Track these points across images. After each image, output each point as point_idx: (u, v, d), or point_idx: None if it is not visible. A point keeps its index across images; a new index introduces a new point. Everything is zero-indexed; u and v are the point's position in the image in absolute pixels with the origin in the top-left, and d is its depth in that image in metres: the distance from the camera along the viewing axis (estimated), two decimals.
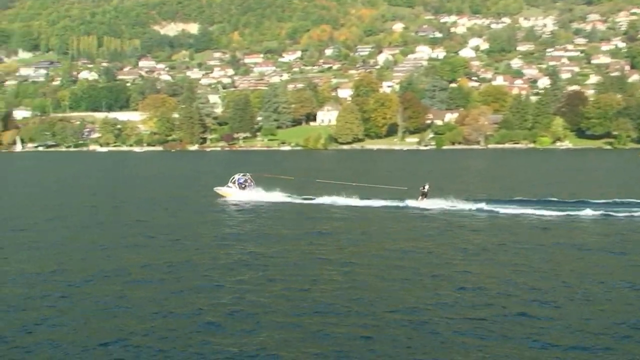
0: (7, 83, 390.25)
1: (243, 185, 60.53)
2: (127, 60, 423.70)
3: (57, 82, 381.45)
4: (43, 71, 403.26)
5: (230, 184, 60.97)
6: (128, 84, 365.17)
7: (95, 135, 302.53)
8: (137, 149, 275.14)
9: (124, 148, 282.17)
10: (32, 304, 24.01)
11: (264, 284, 26.38)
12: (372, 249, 33.63)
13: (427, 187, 52.68)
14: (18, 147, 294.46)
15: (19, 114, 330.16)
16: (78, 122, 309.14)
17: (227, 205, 55.00)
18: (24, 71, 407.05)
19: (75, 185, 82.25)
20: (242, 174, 61.79)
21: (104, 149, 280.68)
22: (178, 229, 41.11)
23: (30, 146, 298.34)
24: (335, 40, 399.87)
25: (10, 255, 32.64)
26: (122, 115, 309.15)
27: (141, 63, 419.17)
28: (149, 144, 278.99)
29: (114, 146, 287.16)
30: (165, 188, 73.80)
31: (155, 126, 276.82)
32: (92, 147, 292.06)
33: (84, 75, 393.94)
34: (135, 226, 43.14)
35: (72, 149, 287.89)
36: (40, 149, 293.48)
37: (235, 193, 60.00)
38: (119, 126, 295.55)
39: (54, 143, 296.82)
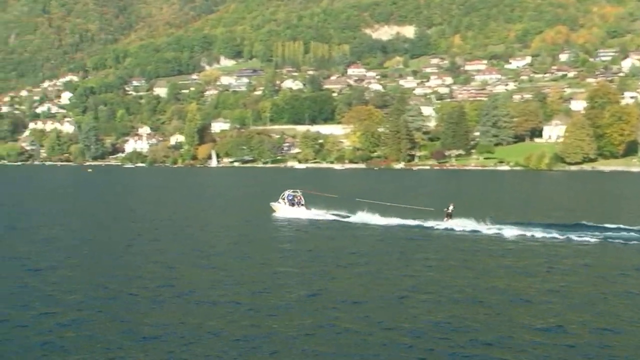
0: (207, 93, 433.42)
1: (292, 202, 71.96)
2: (334, 67, 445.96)
3: (259, 92, 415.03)
4: (245, 80, 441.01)
5: (280, 200, 72.76)
6: (334, 94, 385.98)
7: (295, 150, 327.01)
8: (337, 166, 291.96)
9: (324, 165, 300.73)
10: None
11: None
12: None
13: (451, 207, 61.06)
14: (213, 162, 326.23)
15: (217, 126, 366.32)
16: (277, 136, 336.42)
17: (279, 221, 66.72)
18: (225, 80, 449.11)
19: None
20: (292, 191, 73.62)
21: (302, 166, 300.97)
22: None
23: (226, 161, 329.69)
24: (572, 44, 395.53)
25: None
26: (324, 129, 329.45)
27: (350, 70, 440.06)
28: (350, 161, 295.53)
29: (313, 162, 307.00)
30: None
31: (359, 141, 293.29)
32: (289, 163, 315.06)
33: (288, 84, 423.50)
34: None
35: (268, 165, 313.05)
36: (236, 164, 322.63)
37: (282, 209, 71.47)
38: (320, 140, 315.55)
39: (250, 158, 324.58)
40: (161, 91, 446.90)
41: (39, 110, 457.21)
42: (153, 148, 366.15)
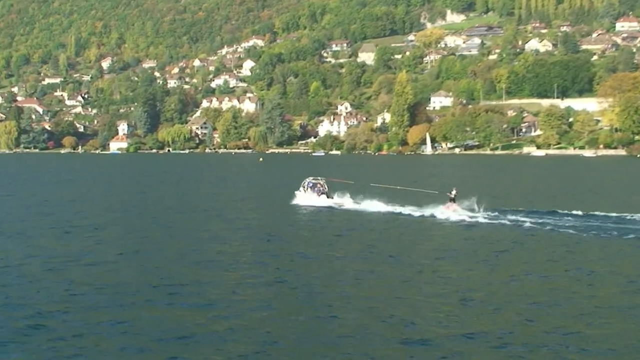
0: (427, 59, 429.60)
1: (314, 190, 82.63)
2: (597, 22, 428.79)
3: (493, 56, 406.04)
4: (476, 41, 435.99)
5: (301, 188, 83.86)
6: (594, 58, 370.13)
7: (536, 132, 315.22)
8: (588, 152, 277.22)
9: (570, 151, 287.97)
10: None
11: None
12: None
13: (454, 192, 70.78)
14: (427, 149, 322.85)
15: (437, 101, 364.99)
16: (514, 114, 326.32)
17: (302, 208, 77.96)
18: (450, 41, 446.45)
19: None
20: (312, 178, 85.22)
21: (541, 152, 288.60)
22: None
23: (443, 147, 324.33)
24: None
25: None
26: (578, 103, 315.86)
27: (618, 25, 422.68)
28: (606, 146, 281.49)
29: (557, 148, 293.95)
30: None
31: (618, 119, 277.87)
32: (526, 149, 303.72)
33: (532, 45, 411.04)
34: None
35: (498, 152, 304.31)
36: (457, 150, 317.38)
37: (302, 197, 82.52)
38: (570, 119, 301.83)
39: (475, 143, 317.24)
40: (367, 57, 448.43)
41: (213, 84, 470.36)
42: (351, 131, 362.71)
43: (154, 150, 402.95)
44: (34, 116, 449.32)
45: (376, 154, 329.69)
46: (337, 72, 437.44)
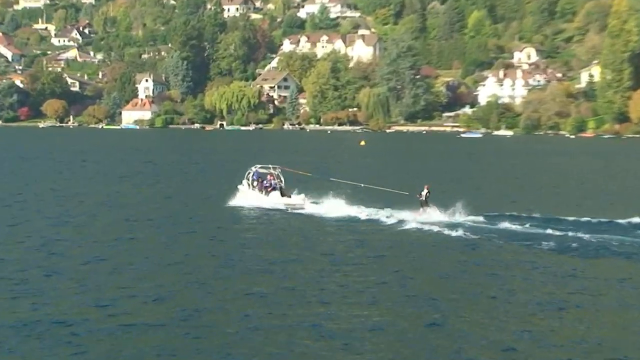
0: None
1: (263, 183, 67.83)
2: None
3: None
4: None
5: (244, 181, 68.64)
6: None
7: None
8: None
9: None
10: None
11: None
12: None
13: (425, 192, 62.19)
14: None
15: None
16: None
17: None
18: None
19: None
20: (260, 166, 69.06)
21: None
22: None
23: None
24: None
25: None
26: None
27: None
28: None
29: None
30: None
31: None
32: None
33: None
34: None
35: None
36: None
37: (245, 194, 67.82)
38: None
39: None
40: None
41: (302, 13, 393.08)
42: (534, 96, 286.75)
43: (196, 125, 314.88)
44: None
45: (574, 136, 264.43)
46: None
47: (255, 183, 67.11)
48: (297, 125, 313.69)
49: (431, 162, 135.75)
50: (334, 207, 62.71)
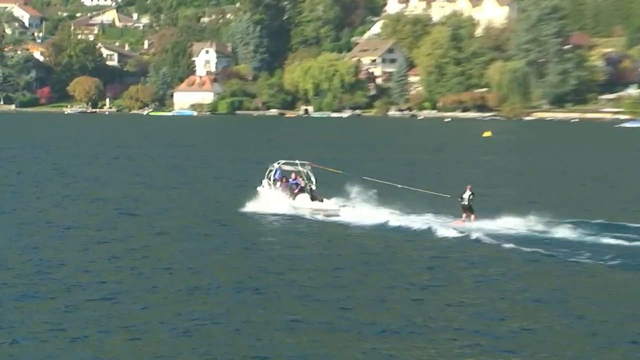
0: None
1: (287, 184, 65.23)
2: None
3: None
4: None
5: (264, 181, 66.01)
6: None
7: None
8: None
9: None
10: None
11: None
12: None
13: (467, 193, 59.88)
14: None
15: None
16: None
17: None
18: None
19: None
20: (284, 162, 66.05)
21: None
22: None
23: None
24: None
25: None
26: None
27: None
28: None
29: None
30: None
31: None
32: None
33: None
34: None
35: None
36: None
37: (266, 196, 64.91)
38: None
39: None
40: None
41: None
42: None
43: (274, 111, 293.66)
44: (8, 30, 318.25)
45: None
46: None
47: (278, 183, 63.63)
48: (406, 111, 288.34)
49: (574, 160, 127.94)
50: (370, 214, 59.73)
